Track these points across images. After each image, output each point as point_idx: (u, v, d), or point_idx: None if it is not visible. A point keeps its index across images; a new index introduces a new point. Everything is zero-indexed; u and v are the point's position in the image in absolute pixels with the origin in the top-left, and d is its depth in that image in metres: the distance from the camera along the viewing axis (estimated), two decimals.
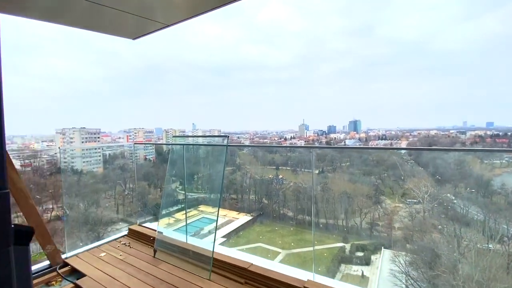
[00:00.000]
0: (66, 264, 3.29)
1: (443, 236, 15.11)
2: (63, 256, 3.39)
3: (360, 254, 17.51)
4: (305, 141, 41.52)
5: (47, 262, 3.23)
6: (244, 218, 22.35)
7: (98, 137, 37.81)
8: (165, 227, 4.17)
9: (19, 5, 2.04)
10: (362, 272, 16.27)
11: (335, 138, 41.34)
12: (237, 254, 3.30)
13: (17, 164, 31.51)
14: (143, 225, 4.44)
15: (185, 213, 4.14)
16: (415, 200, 19.26)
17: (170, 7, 2.19)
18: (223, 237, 19.46)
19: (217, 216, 3.61)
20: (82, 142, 35.25)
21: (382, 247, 17.28)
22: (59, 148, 36.83)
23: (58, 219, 20.85)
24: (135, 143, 5.26)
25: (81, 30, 2.57)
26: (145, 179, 25.72)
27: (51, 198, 22.35)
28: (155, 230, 3.88)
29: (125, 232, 4.30)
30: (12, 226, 0.65)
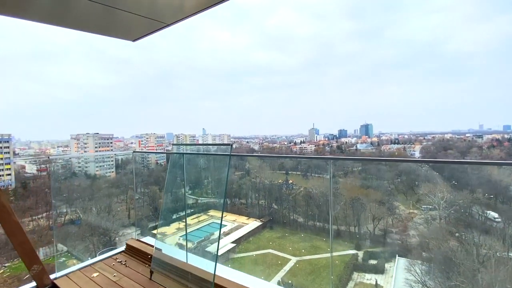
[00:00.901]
0: (54, 286, 3.06)
1: (461, 245, 14.48)
2: (52, 276, 3.17)
3: (373, 262, 16.96)
4: (315, 145, 41.00)
5: (33, 284, 3.02)
6: (253, 223, 22.08)
7: (111, 142, 38.26)
8: (164, 243, 3.92)
9: (20, 7, 2.01)
10: (376, 281, 15.72)
11: (346, 142, 40.72)
12: (242, 279, 3.00)
13: (33, 168, 32.30)
14: (142, 240, 4.20)
15: (185, 228, 3.90)
16: (430, 206, 18.60)
17: (169, 5, 2.11)
18: (233, 242, 19.23)
19: (220, 232, 3.36)
20: (96, 147, 35.77)
21: (397, 255, 16.69)
22: (48, 157, 38.40)
23: (72, 223, 21.23)
24: (134, 152, 5.09)
25: (88, 35, 2.59)
26: (156, 184, 25.77)
27: (65, 202, 22.94)
28: (153, 246, 3.63)
29: (123, 248, 4.06)
30: None
